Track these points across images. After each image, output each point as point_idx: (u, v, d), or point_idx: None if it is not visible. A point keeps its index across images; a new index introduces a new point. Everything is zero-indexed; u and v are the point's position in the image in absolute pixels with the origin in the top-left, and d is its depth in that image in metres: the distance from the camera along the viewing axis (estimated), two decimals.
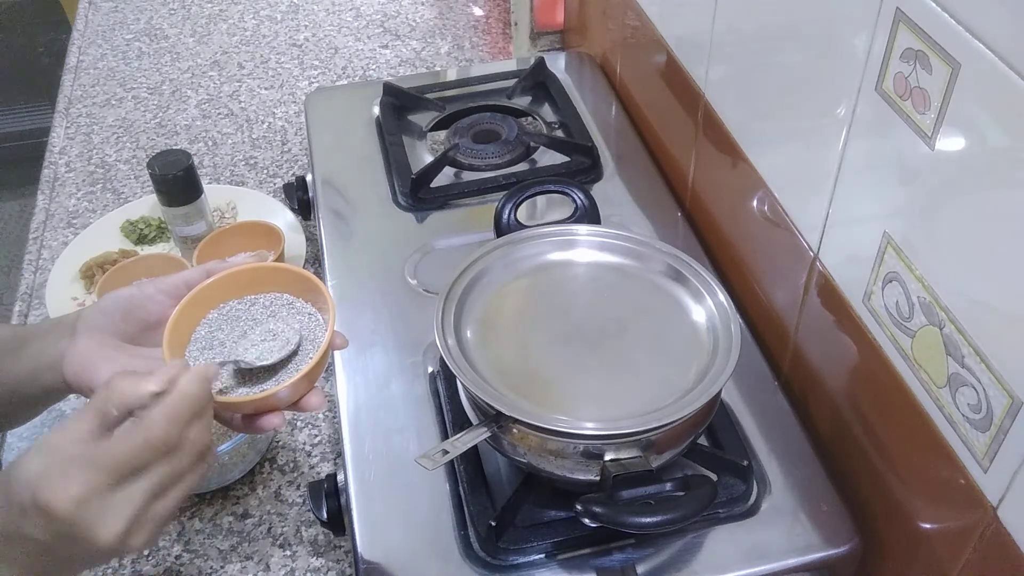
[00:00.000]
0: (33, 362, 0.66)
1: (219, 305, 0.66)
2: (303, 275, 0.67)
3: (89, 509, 0.52)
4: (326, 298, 0.65)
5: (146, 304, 0.66)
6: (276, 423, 0.63)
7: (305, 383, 0.62)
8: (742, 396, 0.79)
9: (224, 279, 0.66)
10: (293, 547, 0.83)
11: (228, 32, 1.59)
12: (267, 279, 0.67)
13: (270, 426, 0.63)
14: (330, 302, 0.64)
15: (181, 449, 0.54)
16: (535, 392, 0.68)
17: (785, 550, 0.68)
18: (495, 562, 0.68)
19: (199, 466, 0.56)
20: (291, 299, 0.67)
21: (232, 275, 0.66)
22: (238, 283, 0.66)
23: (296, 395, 0.63)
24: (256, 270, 0.67)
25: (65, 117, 1.41)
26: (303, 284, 0.67)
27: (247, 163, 1.29)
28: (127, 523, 0.53)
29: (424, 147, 1.08)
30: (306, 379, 0.62)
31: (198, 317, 0.65)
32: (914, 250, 0.61)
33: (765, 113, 0.81)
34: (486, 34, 1.57)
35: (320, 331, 0.65)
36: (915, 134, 0.58)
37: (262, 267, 0.68)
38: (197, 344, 0.64)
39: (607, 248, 0.79)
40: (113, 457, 0.52)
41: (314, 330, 0.65)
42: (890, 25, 0.59)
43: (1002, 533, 0.56)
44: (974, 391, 0.56)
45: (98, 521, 0.52)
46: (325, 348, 0.62)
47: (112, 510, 0.52)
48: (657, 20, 1.03)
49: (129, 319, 0.66)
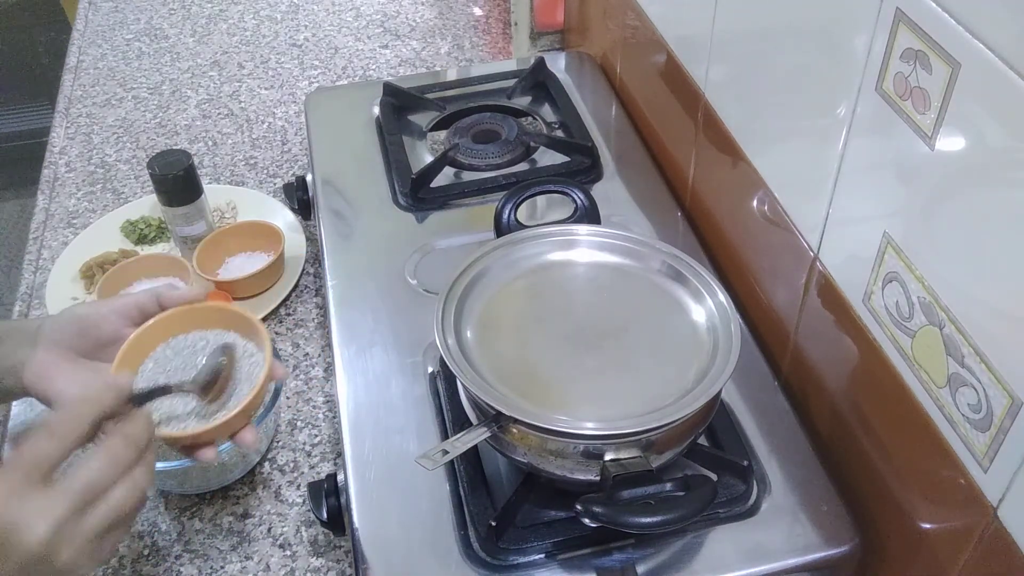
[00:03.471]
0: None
1: (168, 339, 0.73)
2: (242, 315, 0.74)
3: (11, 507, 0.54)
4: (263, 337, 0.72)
5: (100, 324, 0.72)
6: (209, 456, 0.69)
7: (241, 418, 0.69)
8: (742, 396, 0.79)
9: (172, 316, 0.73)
10: (293, 547, 0.83)
11: (228, 32, 1.59)
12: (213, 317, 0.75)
13: (204, 459, 0.69)
14: (266, 339, 0.72)
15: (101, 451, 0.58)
16: (535, 392, 0.68)
17: (785, 550, 0.68)
18: (495, 562, 0.68)
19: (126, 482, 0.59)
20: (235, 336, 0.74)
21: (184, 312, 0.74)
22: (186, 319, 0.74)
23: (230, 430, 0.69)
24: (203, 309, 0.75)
25: (65, 117, 1.41)
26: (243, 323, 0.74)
27: (247, 163, 1.29)
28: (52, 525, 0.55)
29: (424, 147, 1.08)
30: (241, 415, 0.68)
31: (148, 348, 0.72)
32: (914, 250, 0.61)
33: (765, 113, 0.81)
34: (486, 34, 1.57)
35: (258, 370, 0.71)
36: (915, 134, 0.58)
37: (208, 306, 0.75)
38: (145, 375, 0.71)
39: (607, 248, 0.79)
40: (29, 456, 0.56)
41: (255, 367, 0.72)
42: (890, 25, 0.59)
43: (1002, 533, 0.56)
44: (974, 391, 0.56)
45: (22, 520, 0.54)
46: (259, 386, 0.69)
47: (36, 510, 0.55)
48: (657, 20, 1.03)
49: (84, 336, 0.72)
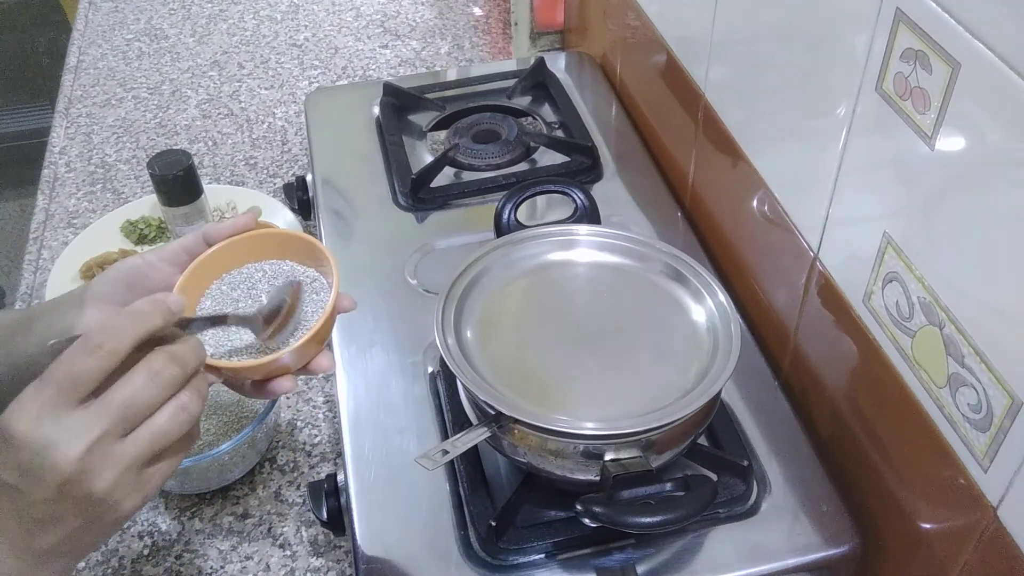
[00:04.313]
0: (43, 336, 0.66)
1: (222, 275, 0.67)
2: (303, 238, 0.67)
3: (45, 426, 0.51)
4: (328, 259, 0.65)
5: (149, 273, 0.66)
6: (287, 387, 0.63)
7: (313, 345, 0.62)
8: (742, 396, 0.79)
9: (225, 248, 0.66)
10: (293, 547, 0.83)
11: (228, 32, 1.59)
12: (267, 245, 0.68)
13: (281, 390, 0.63)
14: (333, 264, 0.64)
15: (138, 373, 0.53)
16: (535, 392, 0.68)
17: (785, 550, 0.68)
18: (495, 562, 0.68)
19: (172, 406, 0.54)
20: (292, 265, 0.67)
21: (232, 243, 0.67)
22: (239, 251, 0.67)
23: (304, 358, 0.63)
24: (255, 237, 0.67)
25: (65, 117, 1.41)
26: (304, 248, 0.67)
27: (247, 163, 1.29)
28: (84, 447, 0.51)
29: (424, 147, 1.08)
30: (313, 340, 0.62)
31: (202, 287, 0.66)
32: (914, 250, 0.61)
33: (765, 113, 0.81)
34: (486, 34, 1.57)
35: (324, 294, 0.65)
36: (915, 134, 0.58)
37: (261, 234, 0.68)
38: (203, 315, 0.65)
39: (607, 248, 0.79)
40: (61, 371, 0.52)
41: (318, 292, 0.66)
42: (890, 25, 0.59)
43: (1002, 533, 0.56)
44: (974, 391, 0.56)
45: (56, 439, 0.51)
46: (331, 308, 0.62)
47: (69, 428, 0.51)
48: (657, 20, 1.03)
49: (134, 289, 0.66)
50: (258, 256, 0.68)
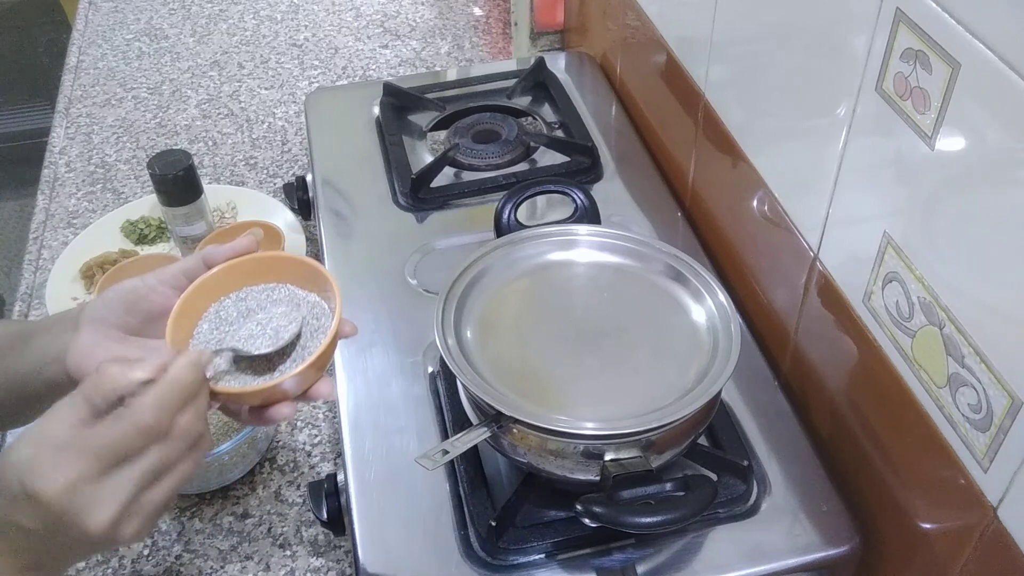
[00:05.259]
0: (37, 357, 0.66)
1: (220, 298, 0.66)
2: (305, 262, 0.66)
3: (79, 495, 0.51)
4: (331, 285, 0.64)
5: (149, 295, 0.65)
6: (286, 413, 0.62)
7: (313, 371, 0.61)
8: (742, 396, 0.79)
9: (225, 270, 0.65)
10: (293, 547, 0.83)
11: (228, 32, 1.59)
12: (267, 268, 0.66)
13: (280, 416, 0.62)
14: (335, 289, 0.63)
15: (172, 436, 0.54)
16: (535, 392, 0.68)
17: (785, 550, 0.68)
18: (495, 562, 0.68)
19: (192, 454, 0.56)
20: (293, 289, 0.66)
21: (232, 266, 0.66)
22: (238, 273, 0.66)
23: (304, 384, 0.62)
24: (255, 260, 0.66)
25: (65, 117, 1.41)
26: (305, 272, 0.66)
27: (247, 163, 1.29)
28: (117, 510, 0.52)
29: (424, 147, 1.08)
30: (313, 367, 0.61)
31: (200, 310, 0.65)
32: (914, 250, 0.61)
33: (765, 113, 0.81)
34: (486, 34, 1.57)
35: (326, 319, 0.64)
36: (915, 134, 0.58)
37: (262, 257, 0.67)
38: (200, 338, 0.64)
39: (607, 248, 0.79)
40: (102, 443, 0.52)
41: (319, 318, 0.64)
42: (890, 25, 0.59)
43: (1002, 533, 0.56)
44: (974, 391, 0.56)
45: (88, 508, 0.52)
46: (333, 335, 0.61)
47: (102, 497, 0.52)
48: (657, 20, 1.03)
49: (133, 311, 0.65)
50: (258, 279, 0.66)
